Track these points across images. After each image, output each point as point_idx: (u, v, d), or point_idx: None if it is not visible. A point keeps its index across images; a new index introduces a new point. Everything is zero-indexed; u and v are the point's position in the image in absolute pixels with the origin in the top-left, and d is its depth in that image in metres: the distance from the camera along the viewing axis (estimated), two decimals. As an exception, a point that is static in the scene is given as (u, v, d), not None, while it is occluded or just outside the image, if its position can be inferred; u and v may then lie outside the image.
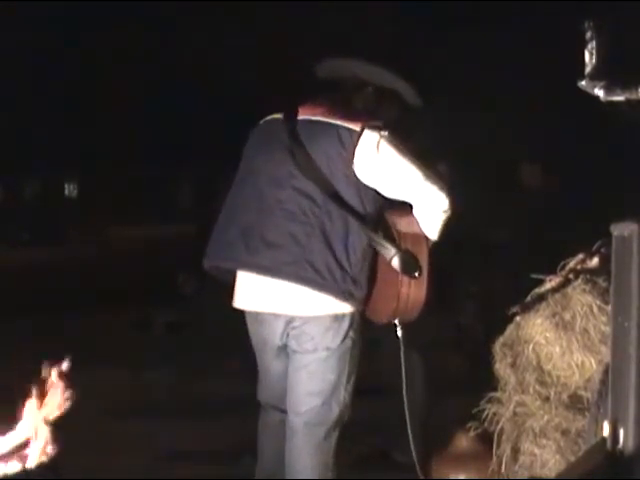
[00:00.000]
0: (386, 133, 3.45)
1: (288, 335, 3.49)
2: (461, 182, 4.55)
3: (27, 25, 14.58)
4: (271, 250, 3.41)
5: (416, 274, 3.39)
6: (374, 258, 3.47)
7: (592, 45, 3.01)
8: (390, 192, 3.47)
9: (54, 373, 3.19)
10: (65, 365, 3.20)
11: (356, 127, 3.42)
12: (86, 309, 9.62)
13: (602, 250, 4.37)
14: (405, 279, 3.39)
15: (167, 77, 15.35)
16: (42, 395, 3.19)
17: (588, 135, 9.60)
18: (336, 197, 3.40)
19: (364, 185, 3.44)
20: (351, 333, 3.50)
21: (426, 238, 3.48)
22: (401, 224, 3.48)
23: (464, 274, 7.15)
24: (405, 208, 3.50)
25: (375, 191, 3.46)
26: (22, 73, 15.04)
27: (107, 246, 15.92)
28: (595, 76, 3.04)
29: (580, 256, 4.51)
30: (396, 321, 3.51)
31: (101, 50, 15.30)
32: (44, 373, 3.21)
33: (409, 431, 3.64)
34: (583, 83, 3.06)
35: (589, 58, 3.03)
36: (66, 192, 21.66)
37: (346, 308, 3.45)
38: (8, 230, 17.33)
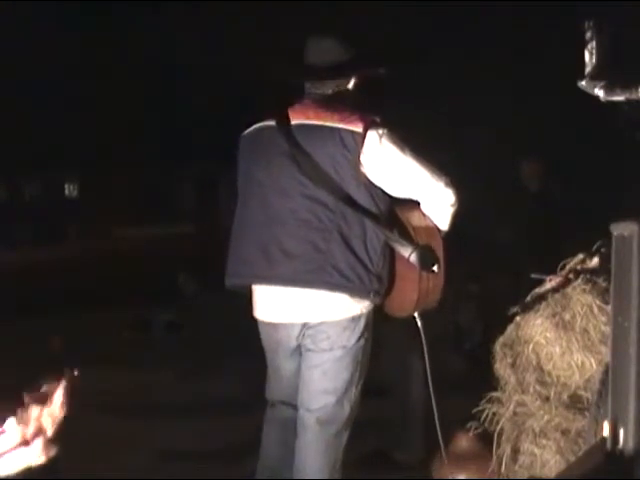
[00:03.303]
0: (386, 131, 3.44)
1: (304, 335, 3.51)
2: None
3: (27, 25, 14.58)
4: (292, 260, 3.41)
5: (434, 268, 3.42)
6: (391, 254, 3.48)
7: (592, 45, 3.01)
8: (397, 191, 3.48)
9: (57, 374, 3.19)
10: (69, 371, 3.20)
11: (358, 128, 3.41)
12: (86, 309, 9.62)
13: (602, 250, 4.37)
14: (421, 271, 3.42)
15: (167, 77, 15.35)
16: (43, 395, 3.19)
17: (588, 135, 9.60)
18: (348, 200, 3.40)
19: (374, 185, 3.44)
20: (366, 333, 3.52)
21: (438, 229, 3.52)
22: (413, 219, 3.50)
23: (464, 274, 7.16)
24: (413, 202, 3.52)
25: (384, 190, 3.47)
26: (22, 73, 15.04)
27: (107, 246, 15.92)
28: (595, 76, 3.04)
29: (580, 256, 4.52)
30: (415, 314, 3.54)
31: (101, 50, 15.30)
32: (46, 373, 3.21)
33: (436, 419, 3.69)
34: (583, 83, 3.06)
35: (589, 58, 3.03)
36: (66, 192, 21.66)
37: (363, 308, 3.48)
38: (8, 230, 17.33)
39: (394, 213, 3.49)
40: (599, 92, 3.04)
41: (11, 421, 3.13)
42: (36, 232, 18.01)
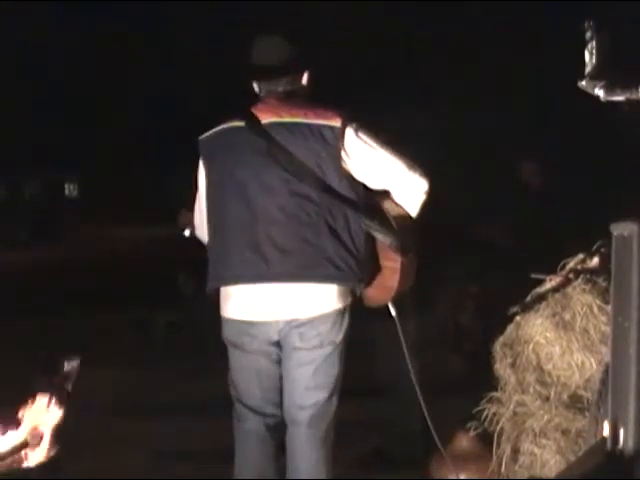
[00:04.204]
0: (359, 124, 3.50)
1: (291, 332, 3.51)
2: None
3: (28, 25, 14.57)
4: (288, 257, 3.44)
5: (411, 253, 3.51)
6: (370, 243, 3.53)
7: (592, 45, 3.01)
8: (376, 182, 3.54)
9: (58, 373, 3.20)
10: (67, 366, 3.20)
11: (336, 123, 3.45)
12: (86, 309, 9.62)
13: (602, 250, 4.37)
14: (403, 259, 3.48)
15: (167, 77, 15.35)
16: (44, 395, 3.19)
17: (588, 135, 9.61)
18: (333, 193, 3.44)
19: (354, 177, 3.49)
20: (348, 327, 3.57)
21: (410, 216, 3.58)
22: (387, 207, 3.55)
23: (464, 274, 7.16)
24: (384, 192, 3.57)
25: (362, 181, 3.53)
26: (22, 73, 15.03)
27: (107, 246, 15.93)
28: (595, 76, 3.03)
29: (580, 256, 4.52)
30: (389, 303, 3.61)
31: (102, 50, 15.30)
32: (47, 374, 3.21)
33: (424, 410, 3.72)
34: (583, 83, 3.06)
35: (589, 58, 3.03)
36: (66, 192, 21.68)
37: (349, 299, 3.53)
38: (8, 230, 17.34)
39: (373, 203, 3.55)
40: (599, 92, 3.03)
41: (11, 423, 3.13)
42: (36, 232, 18.02)
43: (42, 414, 3.16)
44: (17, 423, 3.16)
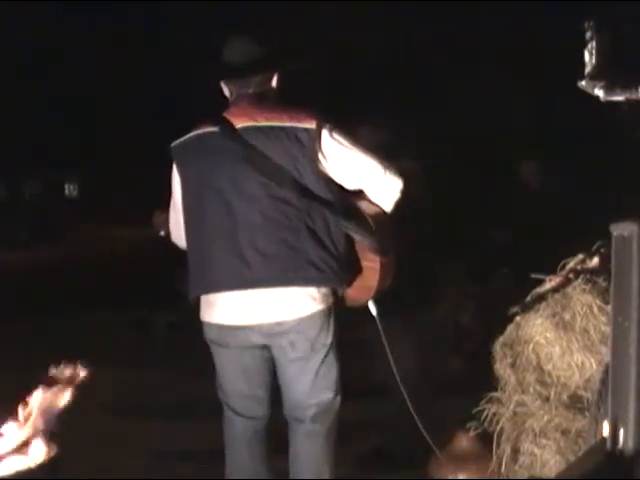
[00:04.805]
0: (333, 125, 3.50)
1: (279, 338, 3.52)
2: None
3: (28, 25, 14.57)
4: (271, 261, 3.44)
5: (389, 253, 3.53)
6: (349, 244, 3.55)
7: (592, 45, 3.01)
8: (353, 182, 3.55)
9: (58, 374, 3.20)
10: (69, 367, 3.21)
11: (311, 125, 3.45)
12: (86, 309, 9.62)
13: (602, 250, 4.37)
14: (381, 259, 3.50)
15: (167, 77, 15.35)
16: (43, 395, 3.19)
17: (588, 135, 9.61)
18: (311, 196, 3.45)
19: (331, 178, 3.50)
20: (335, 328, 3.59)
21: (384, 212, 3.60)
22: (363, 207, 3.57)
23: (464, 274, 7.16)
24: (359, 192, 3.59)
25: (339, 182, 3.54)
26: (22, 73, 15.03)
27: (107, 246, 15.91)
28: (595, 76, 3.04)
29: (580, 256, 4.52)
30: (370, 302, 3.62)
31: (101, 50, 15.29)
32: (47, 373, 3.21)
33: (411, 408, 3.73)
34: (583, 83, 3.06)
35: (589, 58, 3.03)
36: (66, 192, 21.67)
37: (331, 299, 3.54)
38: (8, 230, 17.33)
39: (350, 204, 3.55)
40: (599, 92, 3.03)
41: (10, 424, 3.13)
42: (36, 232, 18.01)
43: (42, 413, 3.15)
44: (18, 422, 3.16)
